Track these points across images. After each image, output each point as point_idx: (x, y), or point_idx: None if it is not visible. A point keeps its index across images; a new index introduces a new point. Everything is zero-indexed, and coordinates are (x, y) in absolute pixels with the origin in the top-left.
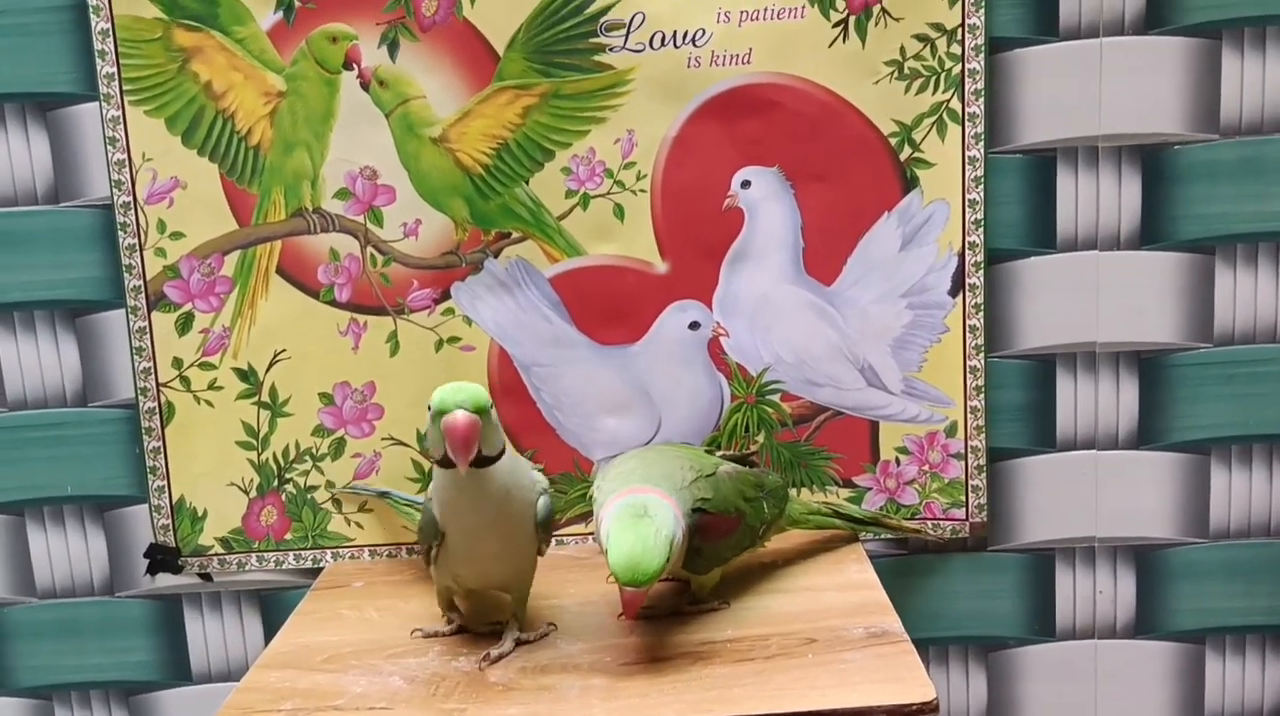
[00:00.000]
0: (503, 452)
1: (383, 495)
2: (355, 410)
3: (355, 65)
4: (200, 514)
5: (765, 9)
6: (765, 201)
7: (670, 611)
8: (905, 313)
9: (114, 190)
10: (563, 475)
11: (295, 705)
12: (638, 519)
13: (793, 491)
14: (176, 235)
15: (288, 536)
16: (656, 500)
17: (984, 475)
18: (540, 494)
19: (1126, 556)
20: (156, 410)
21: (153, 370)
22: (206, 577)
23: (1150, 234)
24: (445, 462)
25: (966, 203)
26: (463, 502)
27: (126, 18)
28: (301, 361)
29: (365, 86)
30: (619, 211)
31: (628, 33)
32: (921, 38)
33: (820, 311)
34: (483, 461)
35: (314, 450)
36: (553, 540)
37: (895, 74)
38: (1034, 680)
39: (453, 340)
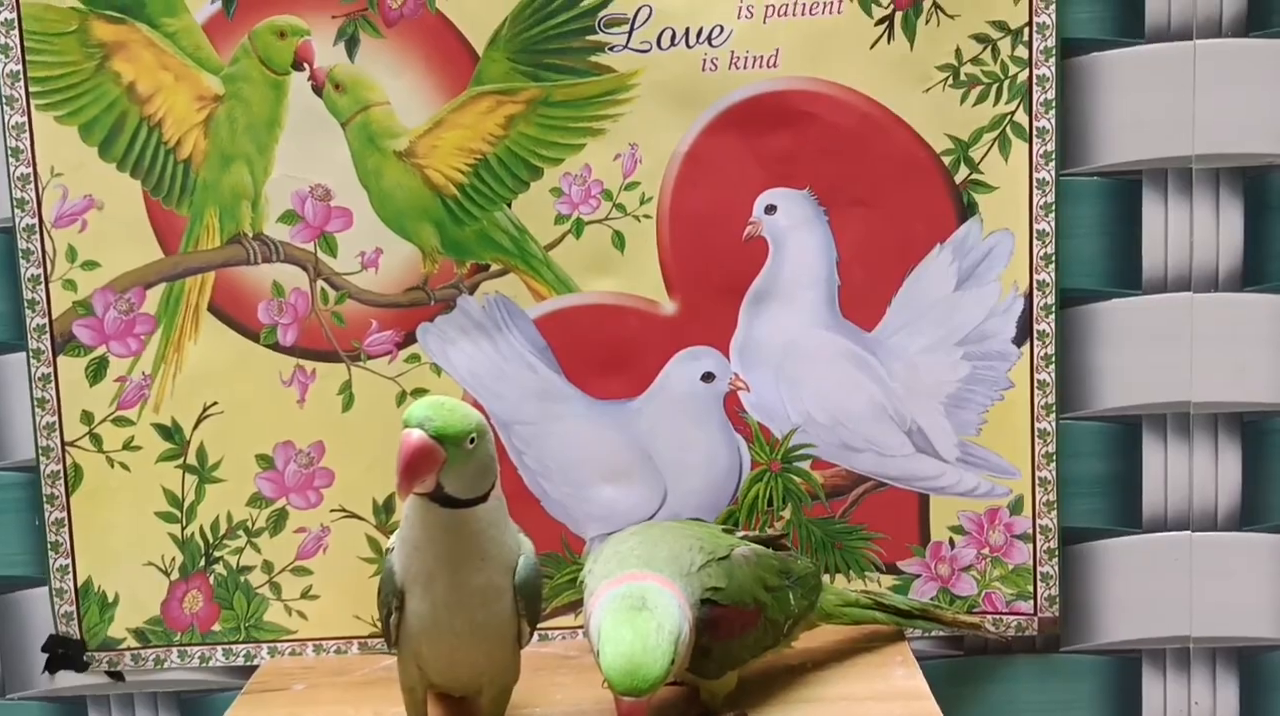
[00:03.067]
0: (486, 498)
1: None
2: (300, 476)
3: (306, 65)
4: (111, 599)
5: (795, 3)
6: (794, 230)
7: None
8: (961, 364)
9: (15, 210)
10: (548, 555)
11: None
12: (635, 612)
13: (826, 578)
14: (90, 264)
15: (216, 627)
16: (658, 589)
17: (1055, 560)
18: (520, 556)
19: (1227, 659)
20: (61, 473)
21: (58, 425)
22: (117, 676)
23: (1254, 273)
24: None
25: (1034, 234)
26: (427, 551)
27: (36, 6)
28: (236, 416)
29: (318, 90)
30: (619, 240)
31: (631, 29)
32: (981, 38)
33: (859, 362)
34: (448, 501)
35: (249, 523)
36: (536, 627)
37: (950, 81)
38: None
39: (418, 392)
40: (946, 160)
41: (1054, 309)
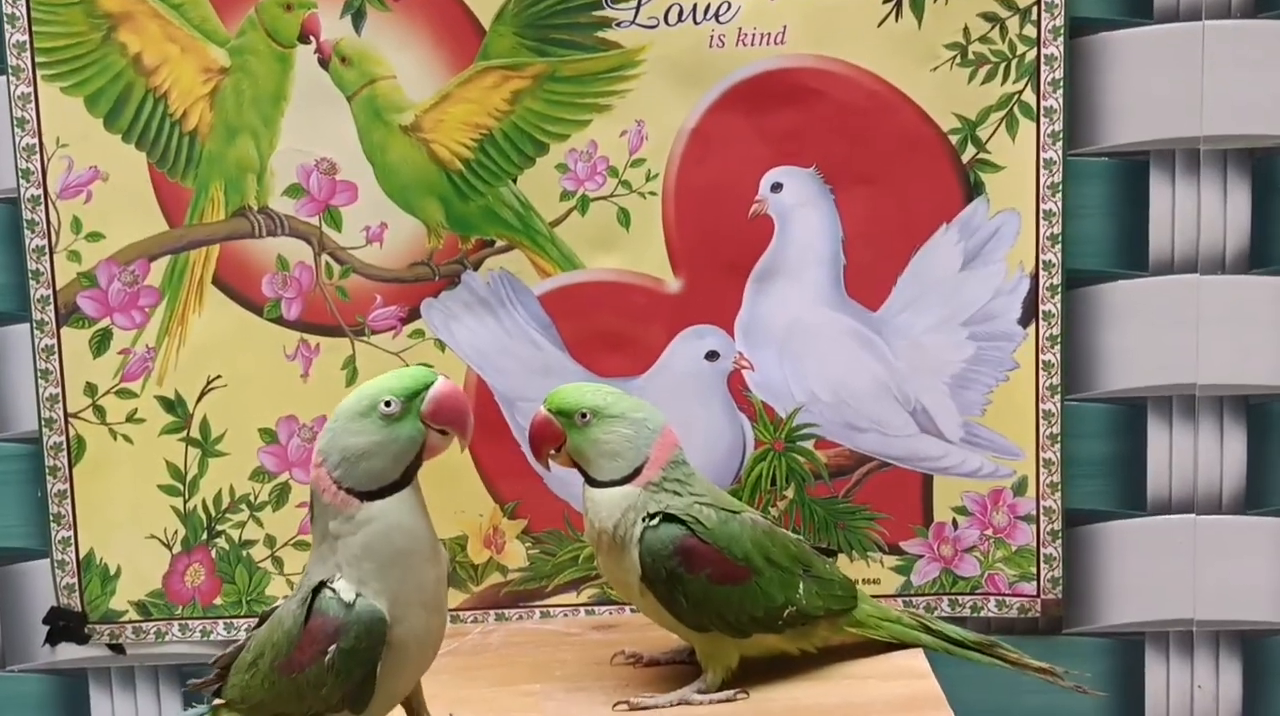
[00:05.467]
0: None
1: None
2: (303, 450)
3: (313, 38)
4: (113, 572)
5: None
6: (799, 208)
7: (677, 702)
8: (966, 344)
9: (21, 181)
10: (550, 532)
11: None
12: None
13: (864, 588)
14: (94, 236)
15: (217, 601)
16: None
17: (1059, 542)
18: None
19: (1231, 643)
20: (64, 445)
21: (61, 397)
22: (118, 649)
23: (1261, 255)
24: (397, 484)
25: (1041, 214)
26: (416, 550)
27: None
28: (240, 390)
29: (324, 63)
30: (624, 217)
31: (639, 4)
32: (989, 17)
33: (864, 341)
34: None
35: (252, 497)
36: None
37: (958, 59)
38: None
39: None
40: (954, 139)
41: (1060, 289)
